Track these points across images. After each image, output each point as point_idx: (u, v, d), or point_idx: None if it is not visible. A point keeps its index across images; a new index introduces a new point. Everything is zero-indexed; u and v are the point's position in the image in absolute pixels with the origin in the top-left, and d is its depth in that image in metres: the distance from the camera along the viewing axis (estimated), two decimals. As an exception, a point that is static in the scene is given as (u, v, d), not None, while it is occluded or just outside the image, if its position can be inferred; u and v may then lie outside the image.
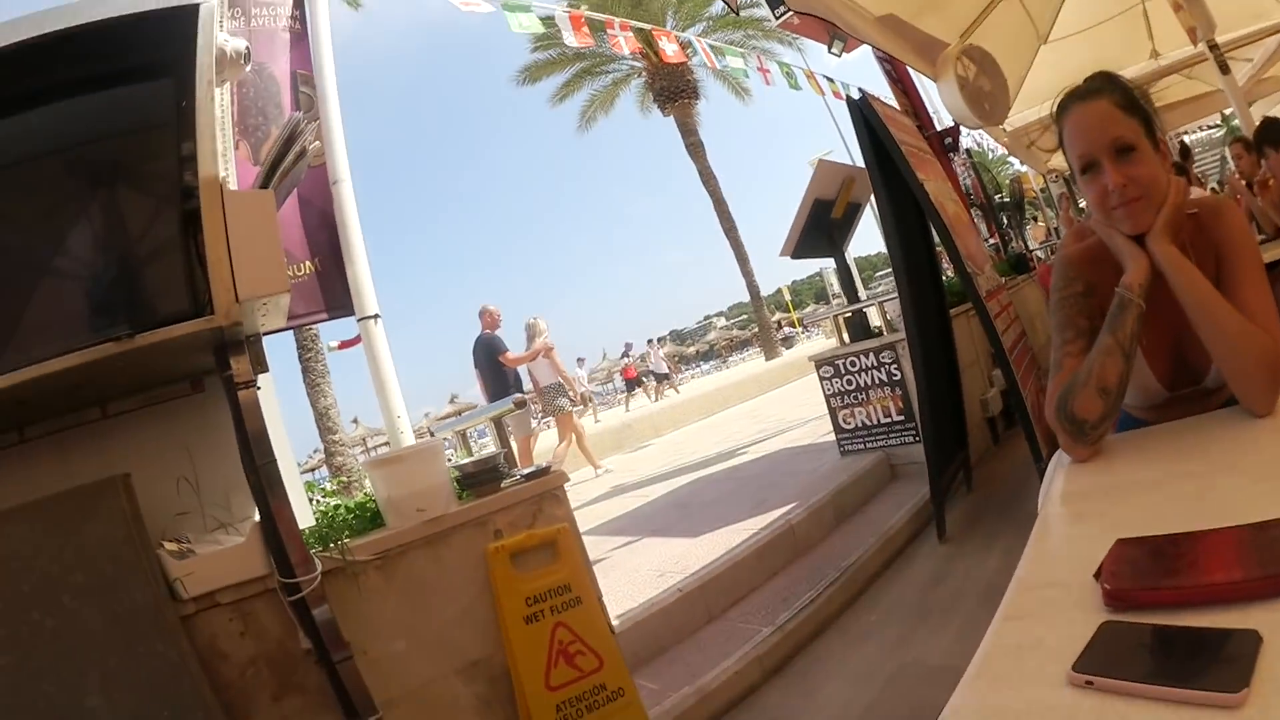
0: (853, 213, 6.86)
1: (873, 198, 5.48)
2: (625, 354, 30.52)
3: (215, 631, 2.29)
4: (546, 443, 10.91)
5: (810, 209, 6.37)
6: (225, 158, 2.87)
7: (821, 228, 6.54)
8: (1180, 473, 1.46)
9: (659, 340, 34.01)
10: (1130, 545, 1.11)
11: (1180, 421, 1.75)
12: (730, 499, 6.17)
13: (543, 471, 3.05)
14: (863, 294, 7.73)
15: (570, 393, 10.07)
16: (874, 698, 3.13)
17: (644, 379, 28.60)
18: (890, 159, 4.61)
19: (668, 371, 28.47)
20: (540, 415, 10.64)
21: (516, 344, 9.71)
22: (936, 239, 5.16)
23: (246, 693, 2.31)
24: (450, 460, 3.16)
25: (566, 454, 10.07)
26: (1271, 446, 1.44)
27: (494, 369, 9.27)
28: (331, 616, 2.34)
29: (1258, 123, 5.61)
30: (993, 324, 4.54)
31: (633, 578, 4.59)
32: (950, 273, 6.50)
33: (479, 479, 2.94)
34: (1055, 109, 1.81)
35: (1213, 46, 6.56)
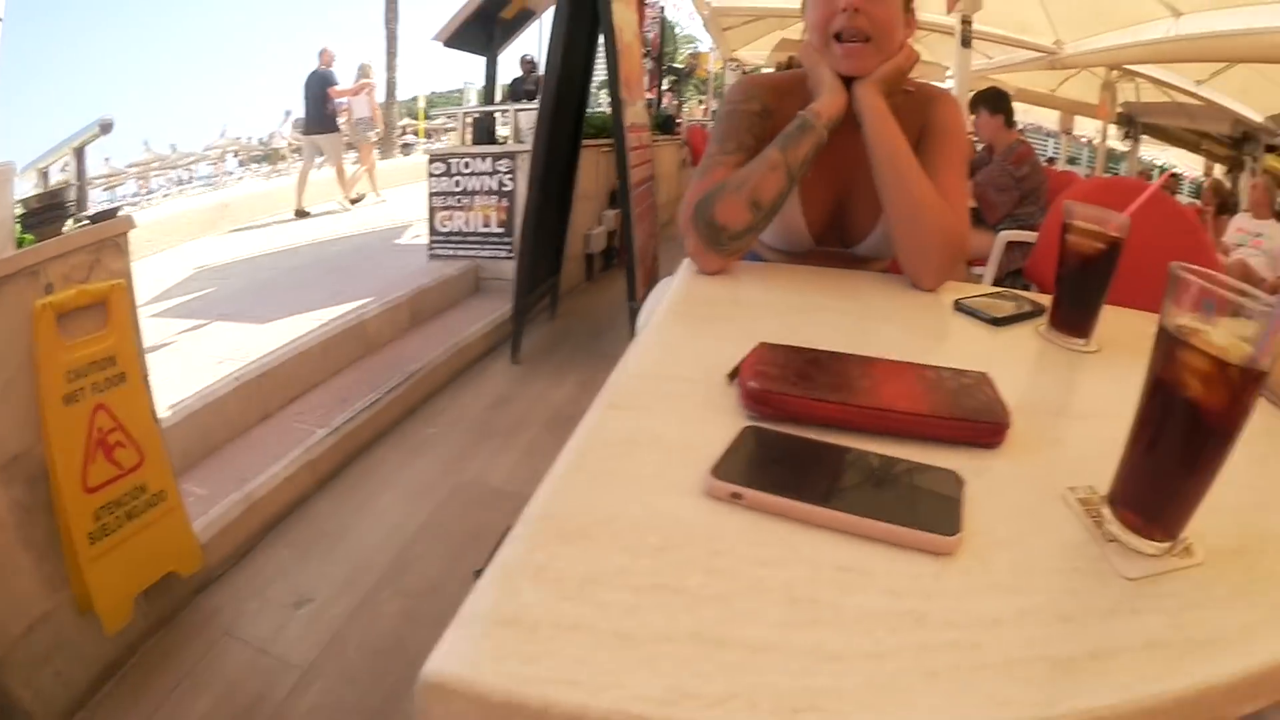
0: (523, 19, 6.64)
1: (552, 11, 5.16)
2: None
3: None
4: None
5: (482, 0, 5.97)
6: None
7: (486, 24, 6.23)
8: (832, 307, 1.34)
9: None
10: (779, 350, 0.93)
11: (830, 269, 1.66)
12: (310, 287, 5.80)
13: (109, 214, 2.45)
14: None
15: (377, 127, 12.12)
16: (429, 515, 3.03)
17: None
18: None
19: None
20: (350, 141, 12.10)
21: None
22: (599, 67, 4.98)
23: None
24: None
25: (361, 175, 12.00)
26: (929, 311, 1.39)
27: (321, 99, 10.93)
28: None
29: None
30: (626, 155, 4.47)
31: (190, 364, 4.09)
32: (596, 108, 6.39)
33: (44, 216, 2.30)
34: None
35: (966, 22, 7.02)
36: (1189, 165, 18.23)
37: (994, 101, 5.12)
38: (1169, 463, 0.69)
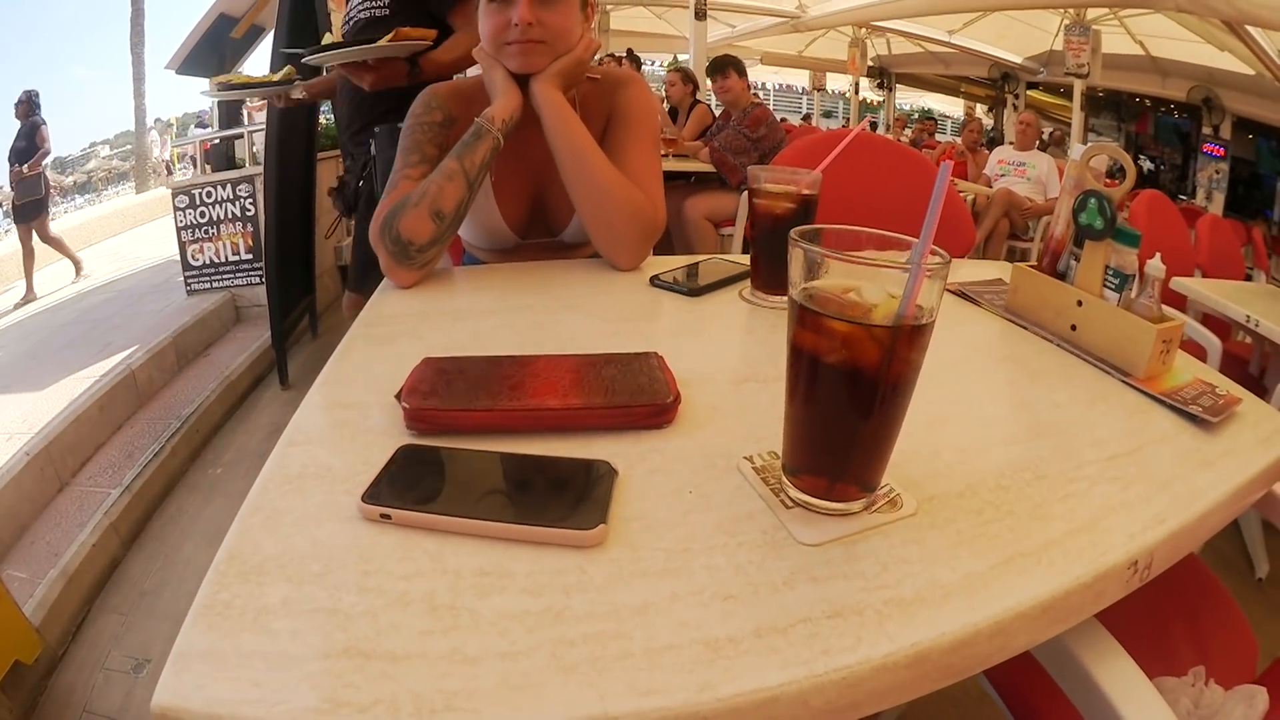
0: (253, 36, 6.34)
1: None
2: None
3: None
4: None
5: (212, 22, 5.81)
6: None
7: (217, 46, 5.95)
8: (518, 305, 1.35)
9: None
10: (439, 363, 0.95)
11: (530, 263, 1.68)
12: (79, 344, 5.50)
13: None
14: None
15: None
16: (231, 556, 2.94)
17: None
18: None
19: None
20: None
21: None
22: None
23: None
24: None
25: None
26: (626, 292, 1.41)
27: None
28: None
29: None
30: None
31: (-15, 448, 3.91)
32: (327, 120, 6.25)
33: None
34: None
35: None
36: (950, 108, 19.22)
37: (739, 64, 5.28)
38: (837, 422, 0.68)
